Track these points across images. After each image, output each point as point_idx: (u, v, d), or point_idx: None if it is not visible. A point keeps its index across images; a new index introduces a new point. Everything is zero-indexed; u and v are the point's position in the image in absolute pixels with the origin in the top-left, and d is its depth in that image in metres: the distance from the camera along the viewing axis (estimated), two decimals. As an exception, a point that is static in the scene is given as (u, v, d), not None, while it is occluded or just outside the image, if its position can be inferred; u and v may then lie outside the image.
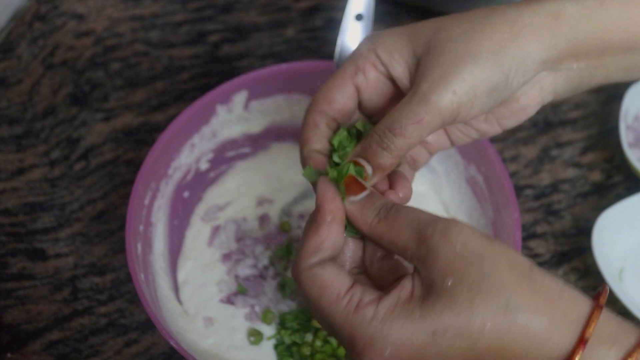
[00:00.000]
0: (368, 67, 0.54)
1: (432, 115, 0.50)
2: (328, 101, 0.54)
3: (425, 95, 0.50)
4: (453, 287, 0.43)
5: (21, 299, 0.72)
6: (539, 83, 0.53)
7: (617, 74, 0.55)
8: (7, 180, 0.78)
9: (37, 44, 0.86)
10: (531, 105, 0.54)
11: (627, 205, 0.74)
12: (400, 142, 0.50)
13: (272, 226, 0.74)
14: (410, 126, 0.50)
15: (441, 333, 0.43)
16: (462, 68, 0.50)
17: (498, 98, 0.52)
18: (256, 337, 0.68)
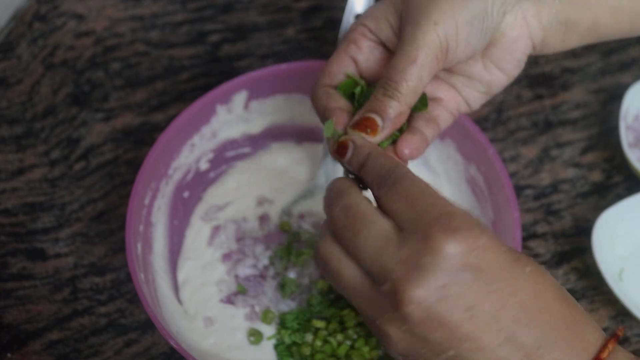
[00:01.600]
0: (358, 37, 0.57)
1: (422, 50, 0.51)
2: (328, 75, 0.57)
3: (410, 35, 0.52)
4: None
5: (21, 299, 0.72)
6: (523, 14, 0.54)
7: (605, 18, 0.55)
8: (7, 180, 0.78)
9: (37, 44, 0.86)
10: (520, 39, 0.55)
11: (627, 205, 0.74)
12: (403, 87, 0.52)
13: (272, 226, 0.74)
14: (407, 68, 0.51)
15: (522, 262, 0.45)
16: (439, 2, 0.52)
17: (482, 28, 0.53)
18: (256, 337, 0.68)
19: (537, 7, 0.54)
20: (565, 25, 0.55)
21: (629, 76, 0.86)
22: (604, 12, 0.55)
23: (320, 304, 0.68)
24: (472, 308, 0.43)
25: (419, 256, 0.43)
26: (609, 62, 0.87)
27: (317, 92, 0.57)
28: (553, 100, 0.85)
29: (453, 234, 0.43)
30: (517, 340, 0.43)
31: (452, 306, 0.43)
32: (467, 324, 0.43)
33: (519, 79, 0.86)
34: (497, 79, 0.57)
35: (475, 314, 0.43)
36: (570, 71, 0.87)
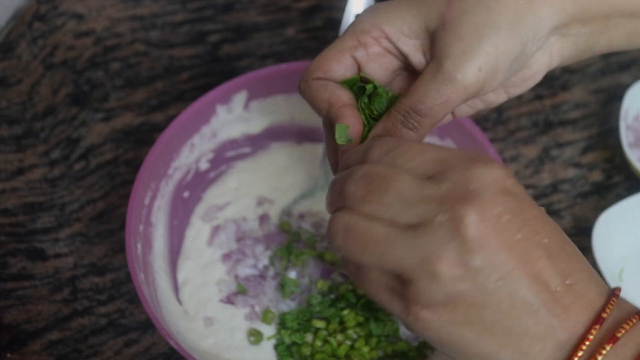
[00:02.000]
0: (370, 42, 0.53)
1: (458, 93, 0.50)
2: (323, 70, 0.53)
3: (450, 73, 0.50)
4: None
5: (21, 299, 0.72)
6: (549, 49, 0.53)
7: (620, 40, 0.55)
8: (7, 180, 0.78)
9: (37, 44, 0.86)
10: (540, 71, 0.54)
11: (628, 205, 0.74)
12: (426, 121, 0.50)
13: (272, 226, 0.74)
14: (436, 106, 0.50)
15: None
16: (484, 42, 0.50)
17: (517, 68, 0.52)
18: (256, 337, 0.68)
19: (562, 41, 0.54)
20: (582, 52, 0.55)
21: (629, 76, 0.86)
22: (619, 36, 0.55)
23: (320, 304, 0.68)
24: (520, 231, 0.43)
25: (467, 184, 0.42)
26: (609, 62, 0.87)
27: (310, 85, 0.53)
28: (553, 100, 0.85)
29: (490, 164, 0.43)
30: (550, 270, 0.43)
31: (505, 231, 0.42)
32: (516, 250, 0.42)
33: (519, 79, 0.86)
34: (499, 99, 0.57)
35: (521, 240, 0.43)
36: (571, 71, 0.87)
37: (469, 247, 0.42)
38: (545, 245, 0.44)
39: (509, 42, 0.50)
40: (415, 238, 0.42)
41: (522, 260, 0.43)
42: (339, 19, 0.65)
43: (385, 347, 0.66)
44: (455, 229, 0.41)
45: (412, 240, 0.42)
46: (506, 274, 0.42)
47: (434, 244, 0.42)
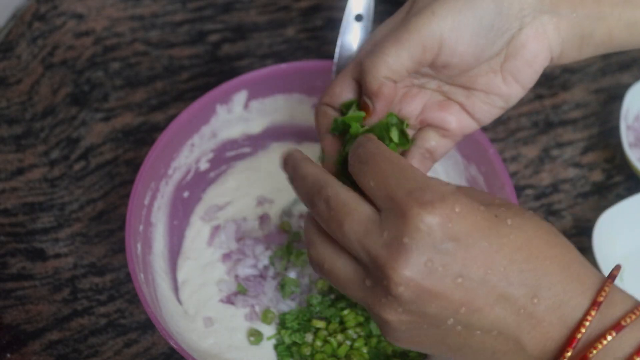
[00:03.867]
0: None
1: (409, 33, 0.51)
2: (329, 95, 0.56)
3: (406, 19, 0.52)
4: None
5: (21, 299, 0.72)
6: (543, 27, 0.53)
7: (620, 31, 0.55)
8: (7, 180, 0.78)
9: (37, 44, 0.86)
10: (541, 52, 0.54)
11: (628, 205, 0.74)
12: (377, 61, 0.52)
13: (272, 226, 0.74)
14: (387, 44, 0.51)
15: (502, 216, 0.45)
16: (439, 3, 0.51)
17: (493, 30, 0.52)
18: (256, 337, 0.68)
19: (556, 20, 0.54)
20: (581, 38, 0.55)
21: (629, 76, 0.86)
22: (618, 25, 0.55)
23: (320, 304, 0.68)
24: (460, 276, 0.43)
25: (400, 237, 0.43)
26: (610, 62, 0.87)
27: (317, 110, 0.57)
28: (553, 100, 0.85)
29: (427, 208, 0.43)
30: (511, 295, 0.44)
31: (440, 278, 0.43)
32: (459, 291, 0.43)
33: (519, 79, 0.86)
34: (515, 91, 0.56)
35: (465, 281, 0.43)
36: (571, 71, 0.87)
37: (404, 301, 0.44)
38: (501, 274, 0.44)
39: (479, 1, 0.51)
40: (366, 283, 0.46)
41: (469, 297, 0.44)
42: (339, 18, 0.65)
43: (386, 347, 0.66)
44: (387, 286, 0.44)
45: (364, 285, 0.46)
46: (453, 313, 0.44)
47: (377, 294, 0.45)
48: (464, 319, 0.44)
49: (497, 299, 0.44)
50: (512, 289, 0.44)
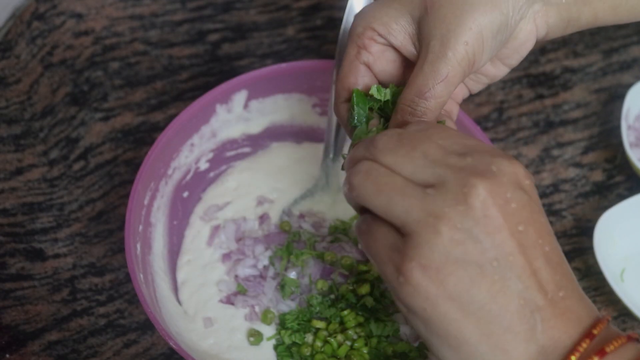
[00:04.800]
0: (368, 42, 0.56)
1: (453, 69, 0.52)
2: (346, 89, 0.57)
3: (440, 52, 0.53)
4: None
5: (20, 300, 0.72)
6: (533, 17, 0.55)
7: (605, 13, 0.57)
8: (6, 180, 0.78)
9: (36, 43, 0.86)
10: (529, 40, 0.57)
11: (629, 205, 0.74)
12: (433, 103, 0.53)
13: (272, 226, 0.74)
14: (437, 86, 0.53)
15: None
16: (466, 18, 0.52)
17: (502, 39, 0.55)
18: (256, 337, 0.67)
19: (545, 9, 0.56)
20: (567, 22, 0.57)
21: (630, 76, 0.86)
22: (603, 8, 0.57)
23: (320, 304, 0.68)
24: (523, 224, 0.44)
25: (488, 164, 0.44)
26: (610, 62, 0.87)
27: (340, 109, 0.57)
28: (554, 100, 0.85)
29: (514, 160, 0.45)
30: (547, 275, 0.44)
31: (510, 215, 0.44)
32: (517, 239, 0.44)
33: (519, 79, 0.86)
34: (502, 72, 0.59)
35: (524, 232, 0.44)
36: (571, 71, 0.86)
37: (473, 215, 0.43)
38: (546, 252, 0.45)
39: (489, 14, 0.53)
40: (427, 195, 0.44)
41: (520, 250, 0.44)
42: (339, 18, 0.65)
43: (386, 347, 0.66)
44: (465, 195, 0.43)
45: (424, 196, 0.44)
46: (503, 256, 0.43)
47: (442, 203, 0.44)
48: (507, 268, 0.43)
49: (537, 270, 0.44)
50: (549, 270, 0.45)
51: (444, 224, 0.43)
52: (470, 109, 0.83)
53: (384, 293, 0.68)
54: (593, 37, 0.88)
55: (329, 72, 0.68)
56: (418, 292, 0.44)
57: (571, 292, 0.45)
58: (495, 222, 0.43)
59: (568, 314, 0.44)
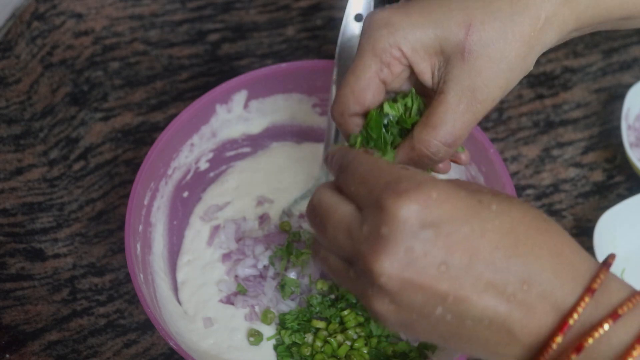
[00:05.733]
0: (393, 62, 0.54)
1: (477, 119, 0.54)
2: (360, 104, 0.55)
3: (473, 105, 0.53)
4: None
5: (20, 300, 0.72)
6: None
7: (605, 27, 0.58)
8: (6, 180, 0.78)
9: (36, 43, 0.86)
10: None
11: (629, 205, 0.74)
12: (452, 150, 0.54)
13: (272, 226, 0.74)
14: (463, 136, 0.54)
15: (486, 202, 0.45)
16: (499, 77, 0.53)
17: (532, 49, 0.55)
18: (256, 337, 0.67)
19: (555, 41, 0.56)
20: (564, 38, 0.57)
21: (630, 76, 0.86)
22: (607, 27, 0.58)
23: (320, 304, 0.68)
24: (444, 263, 0.43)
25: (378, 228, 0.43)
26: (610, 62, 0.87)
27: (348, 123, 0.56)
28: (554, 100, 0.85)
29: (402, 197, 0.43)
30: (499, 282, 0.43)
31: (423, 267, 0.43)
32: (443, 280, 0.43)
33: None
34: None
35: (449, 268, 0.43)
36: (571, 71, 0.86)
37: (390, 292, 0.43)
38: (487, 260, 0.43)
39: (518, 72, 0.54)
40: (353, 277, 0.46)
41: (456, 285, 0.43)
42: (339, 18, 0.65)
43: (386, 347, 0.66)
44: (372, 277, 0.44)
45: (349, 278, 0.46)
46: (441, 302, 0.43)
47: (362, 285, 0.45)
48: (452, 308, 0.43)
49: (486, 287, 0.43)
50: (500, 275, 0.43)
51: (375, 304, 0.45)
52: (470, 109, 0.83)
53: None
54: (593, 37, 0.88)
55: (329, 72, 0.68)
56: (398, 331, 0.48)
57: (539, 274, 0.43)
58: (413, 284, 0.43)
59: (541, 305, 0.43)
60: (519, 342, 0.44)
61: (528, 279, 0.43)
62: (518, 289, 0.43)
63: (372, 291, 0.44)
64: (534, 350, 0.44)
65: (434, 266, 0.43)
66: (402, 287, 0.43)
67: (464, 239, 0.43)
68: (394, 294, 0.43)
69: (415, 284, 0.43)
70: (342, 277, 0.47)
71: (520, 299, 0.43)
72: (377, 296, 0.44)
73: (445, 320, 0.44)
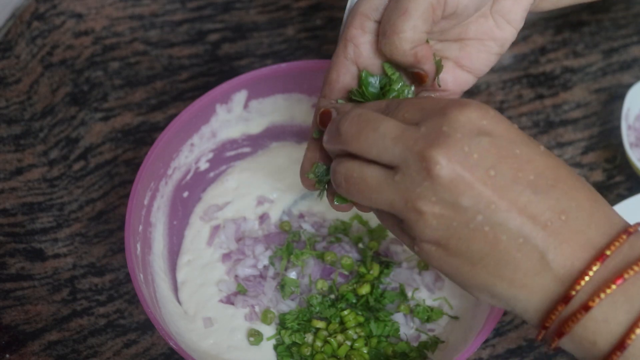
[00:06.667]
0: (356, 33, 0.55)
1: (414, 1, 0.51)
2: (330, 88, 0.56)
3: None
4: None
5: (20, 300, 0.72)
6: None
7: None
8: (6, 180, 0.78)
9: (36, 43, 0.86)
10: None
11: (629, 205, 0.74)
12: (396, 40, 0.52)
13: (272, 226, 0.74)
14: (397, 20, 0.52)
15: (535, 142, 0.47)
16: None
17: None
18: (256, 337, 0.67)
19: None
20: None
21: (630, 76, 0.86)
22: None
23: (320, 304, 0.68)
24: (493, 168, 0.44)
25: (439, 127, 0.45)
26: (610, 62, 0.87)
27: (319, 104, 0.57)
28: (554, 99, 0.85)
29: (466, 106, 0.45)
30: (538, 205, 0.44)
31: (475, 167, 0.44)
32: (491, 185, 0.44)
33: (519, 79, 0.86)
34: (508, 33, 0.57)
35: (497, 175, 0.44)
36: (571, 71, 0.86)
37: (440, 186, 0.45)
38: (531, 182, 0.45)
39: None
40: (397, 180, 0.46)
41: (500, 194, 0.44)
42: (339, 17, 0.65)
43: (386, 347, 0.66)
44: (425, 170, 0.45)
45: (395, 183, 0.47)
46: (483, 208, 0.44)
47: (411, 185, 0.46)
48: (492, 218, 0.44)
49: (526, 204, 0.44)
50: (540, 198, 0.44)
51: (421, 204, 0.45)
52: (470, 109, 0.83)
53: (384, 293, 0.68)
54: (593, 37, 0.88)
55: (329, 72, 0.68)
56: (432, 258, 0.47)
57: (576, 213, 0.45)
58: (463, 181, 0.44)
59: (576, 237, 0.44)
60: (551, 271, 0.44)
61: (566, 211, 0.45)
62: (556, 217, 0.44)
63: (421, 189, 0.45)
64: (565, 284, 0.44)
65: (485, 169, 0.44)
66: (453, 182, 0.44)
67: (514, 156, 0.45)
68: (443, 189, 0.44)
69: (465, 182, 0.44)
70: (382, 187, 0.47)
71: (557, 228, 0.44)
72: (425, 194, 0.45)
73: (484, 232, 0.45)
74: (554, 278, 0.44)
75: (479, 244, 0.45)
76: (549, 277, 0.44)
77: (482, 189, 0.44)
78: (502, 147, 0.45)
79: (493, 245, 0.45)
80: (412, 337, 0.67)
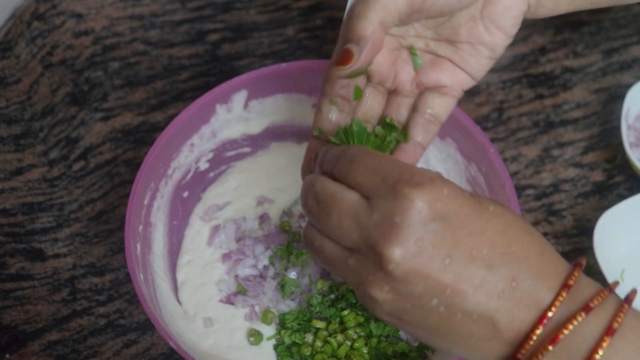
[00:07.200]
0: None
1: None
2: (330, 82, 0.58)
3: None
4: None
5: (20, 300, 0.72)
6: None
7: None
8: (6, 180, 0.78)
9: (36, 43, 0.86)
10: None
11: (629, 205, 0.74)
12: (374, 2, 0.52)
13: (272, 226, 0.74)
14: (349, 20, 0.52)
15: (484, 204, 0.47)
16: None
17: None
18: (256, 337, 0.67)
19: None
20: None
21: (630, 76, 0.86)
22: None
23: (320, 304, 0.68)
24: (449, 256, 0.45)
25: (391, 216, 0.45)
26: (610, 62, 0.87)
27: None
28: (554, 99, 0.85)
29: (418, 188, 0.44)
30: (493, 278, 0.45)
31: (430, 258, 0.44)
32: (446, 273, 0.45)
33: (519, 79, 0.86)
34: (499, 39, 0.57)
35: (452, 262, 0.45)
36: (571, 71, 0.86)
37: (393, 279, 0.45)
38: (484, 257, 0.45)
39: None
40: (350, 264, 0.47)
41: (455, 279, 0.45)
42: (339, 18, 0.65)
43: (386, 347, 0.66)
44: (379, 263, 0.45)
45: (350, 264, 0.47)
46: (439, 293, 0.45)
47: (365, 272, 0.46)
48: (448, 301, 0.45)
49: (481, 282, 0.45)
50: (494, 271, 0.45)
51: (374, 291, 0.46)
52: (470, 109, 0.83)
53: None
54: (593, 37, 0.88)
55: (329, 72, 0.68)
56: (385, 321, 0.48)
57: (526, 273, 0.45)
58: (418, 274, 0.44)
59: (525, 300, 0.45)
60: (501, 337, 0.46)
61: (517, 277, 0.45)
62: (507, 286, 0.45)
63: (373, 277, 0.45)
64: (513, 345, 0.46)
65: (440, 258, 0.44)
66: (407, 275, 0.44)
67: (467, 235, 0.45)
68: (396, 282, 0.45)
69: (419, 274, 0.44)
70: (338, 265, 0.48)
71: (509, 296, 0.45)
72: (377, 282, 0.45)
73: (438, 312, 0.45)
74: (504, 342, 0.46)
75: (434, 320, 0.46)
76: (500, 342, 0.46)
77: (437, 278, 0.45)
78: (457, 229, 0.45)
79: (448, 321, 0.46)
80: (412, 337, 0.67)
